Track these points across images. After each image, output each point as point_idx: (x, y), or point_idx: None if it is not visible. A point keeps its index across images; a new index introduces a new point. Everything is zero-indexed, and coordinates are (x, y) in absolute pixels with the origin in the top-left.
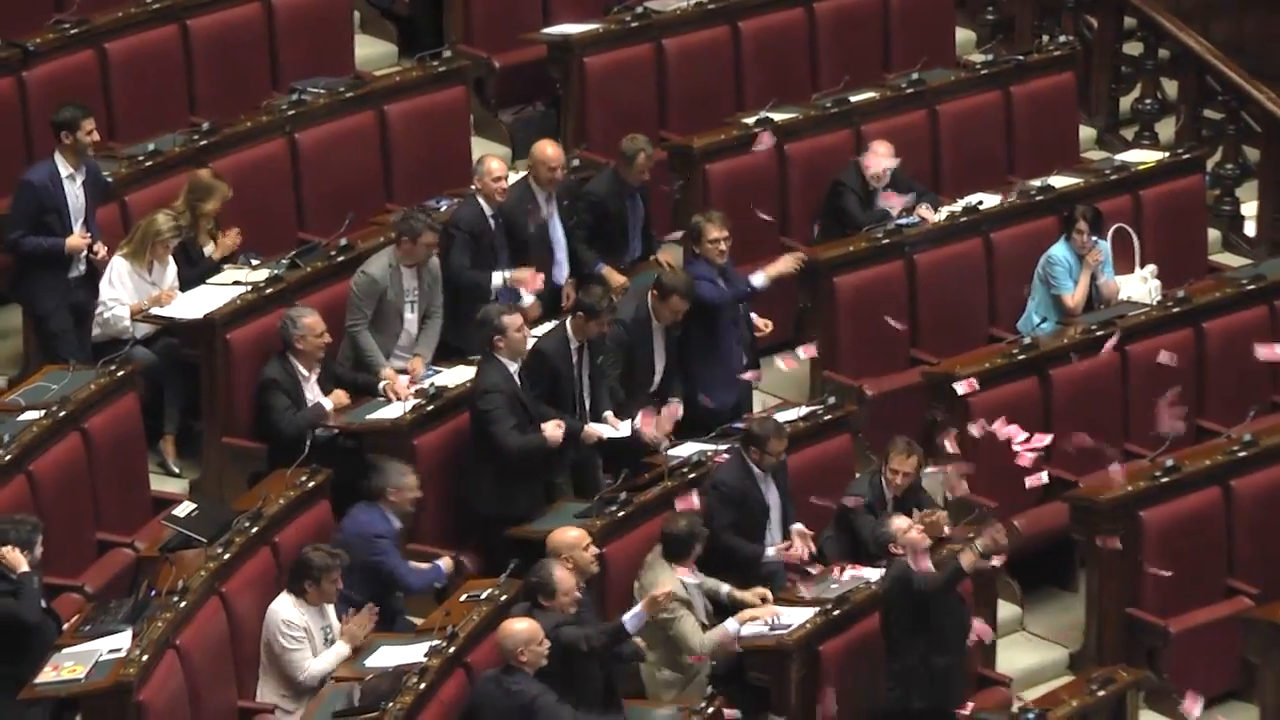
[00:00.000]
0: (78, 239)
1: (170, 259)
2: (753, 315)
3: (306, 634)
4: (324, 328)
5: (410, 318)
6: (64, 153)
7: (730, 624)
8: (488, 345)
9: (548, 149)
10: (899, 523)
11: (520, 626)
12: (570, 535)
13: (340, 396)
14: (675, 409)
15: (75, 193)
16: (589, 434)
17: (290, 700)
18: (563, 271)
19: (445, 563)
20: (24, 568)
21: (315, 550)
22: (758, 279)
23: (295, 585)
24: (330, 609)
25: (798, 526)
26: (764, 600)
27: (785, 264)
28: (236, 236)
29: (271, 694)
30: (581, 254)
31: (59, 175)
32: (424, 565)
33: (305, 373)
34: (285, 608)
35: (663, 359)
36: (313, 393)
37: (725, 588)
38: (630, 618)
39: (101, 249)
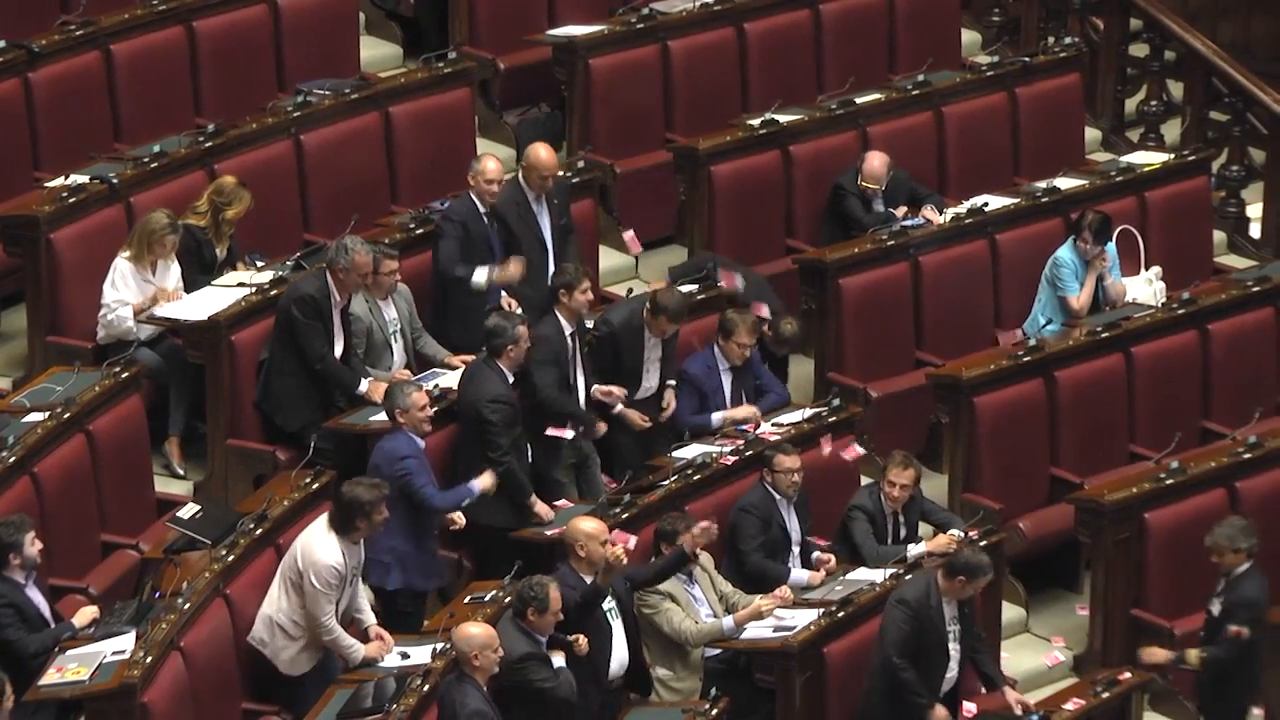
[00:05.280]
0: None
1: (174, 259)
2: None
3: (343, 581)
4: (370, 268)
5: (397, 347)
6: None
7: (726, 621)
8: (495, 354)
9: (541, 153)
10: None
11: (475, 631)
12: (589, 526)
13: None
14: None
15: None
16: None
17: (297, 629)
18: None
19: (479, 482)
20: None
21: (359, 484)
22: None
23: (345, 525)
24: (362, 548)
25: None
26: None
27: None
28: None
29: (282, 613)
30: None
31: None
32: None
33: (339, 298)
34: (332, 550)
35: (656, 369)
36: (337, 322)
37: (757, 598)
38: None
39: None
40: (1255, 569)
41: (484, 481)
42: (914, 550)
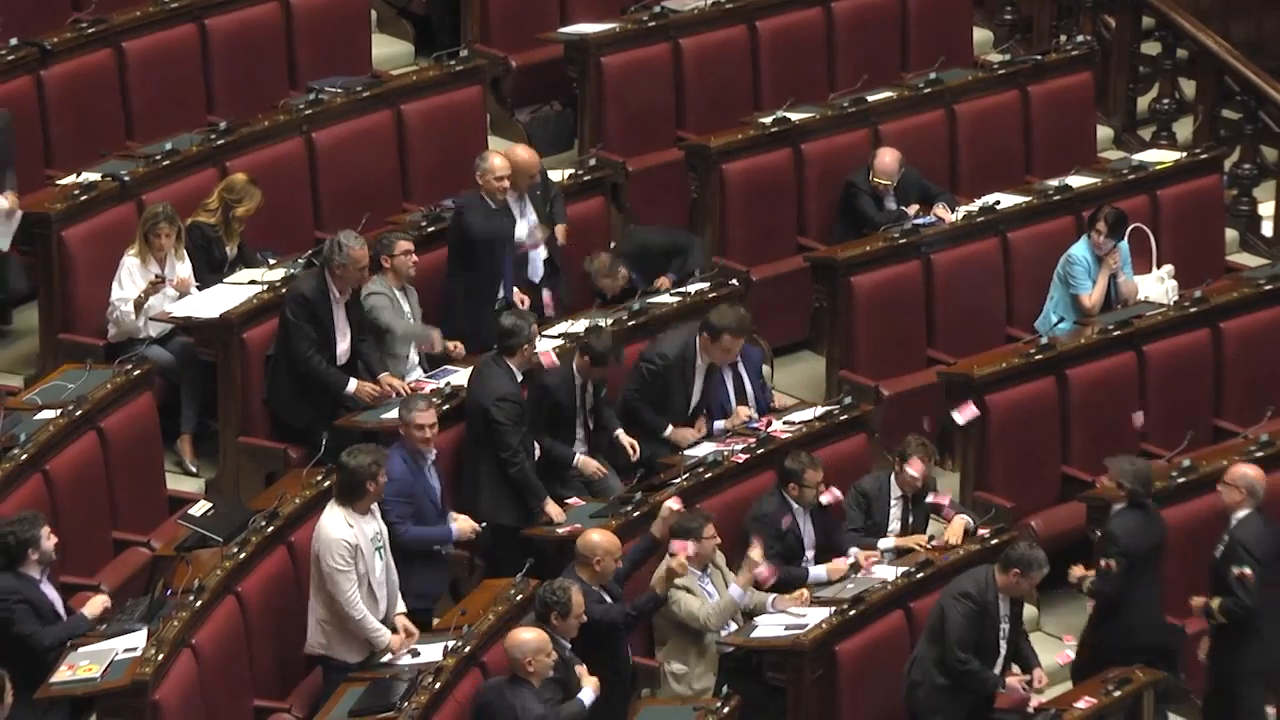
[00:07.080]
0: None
1: (184, 255)
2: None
3: (357, 552)
4: (367, 261)
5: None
6: None
7: (733, 589)
8: (508, 352)
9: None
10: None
11: (528, 636)
12: (604, 540)
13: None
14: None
15: None
16: (583, 465)
17: (331, 623)
18: (538, 271)
19: (459, 526)
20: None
21: (357, 454)
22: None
23: (351, 495)
24: (377, 517)
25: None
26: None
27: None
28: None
29: (322, 608)
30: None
31: None
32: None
33: (338, 295)
34: (337, 525)
35: (699, 397)
36: (340, 317)
37: (770, 597)
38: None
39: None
40: (1135, 513)
41: (463, 524)
42: (884, 544)
